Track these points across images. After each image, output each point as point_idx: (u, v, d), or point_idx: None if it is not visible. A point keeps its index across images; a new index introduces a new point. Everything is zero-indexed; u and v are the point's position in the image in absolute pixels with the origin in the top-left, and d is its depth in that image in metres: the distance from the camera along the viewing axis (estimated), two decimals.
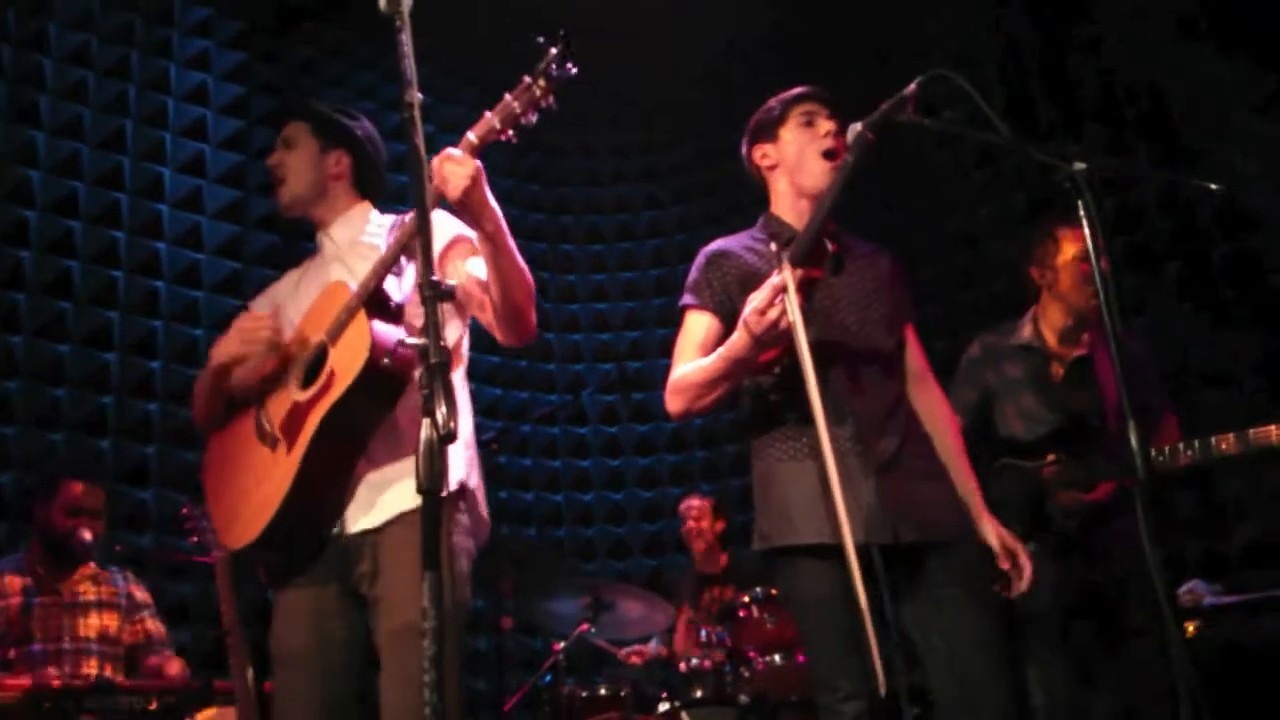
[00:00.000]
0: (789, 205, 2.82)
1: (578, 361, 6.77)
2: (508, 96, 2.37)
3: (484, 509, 2.68)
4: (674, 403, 2.73)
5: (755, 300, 2.45)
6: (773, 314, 2.41)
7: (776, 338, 2.45)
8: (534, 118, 2.36)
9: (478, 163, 2.34)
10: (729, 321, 2.69)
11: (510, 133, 2.37)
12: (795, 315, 2.38)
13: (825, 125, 2.75)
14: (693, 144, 7.00)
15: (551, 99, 2.34)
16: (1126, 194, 5.07)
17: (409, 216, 2.61)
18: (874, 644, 2.20)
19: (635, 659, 5.05)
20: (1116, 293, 2.24)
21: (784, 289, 2.40)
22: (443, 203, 2.42)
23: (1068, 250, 3.53)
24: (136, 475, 5.05)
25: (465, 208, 2.36)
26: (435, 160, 2.33)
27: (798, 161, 2.77)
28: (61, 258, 5.04)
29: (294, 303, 2.75)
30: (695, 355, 2.70)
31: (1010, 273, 4.18)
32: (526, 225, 6.67)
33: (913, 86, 2.47)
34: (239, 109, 5.86)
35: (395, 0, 1.97)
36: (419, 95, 1.90)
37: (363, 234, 2.77)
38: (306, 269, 2.87)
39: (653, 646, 5.10)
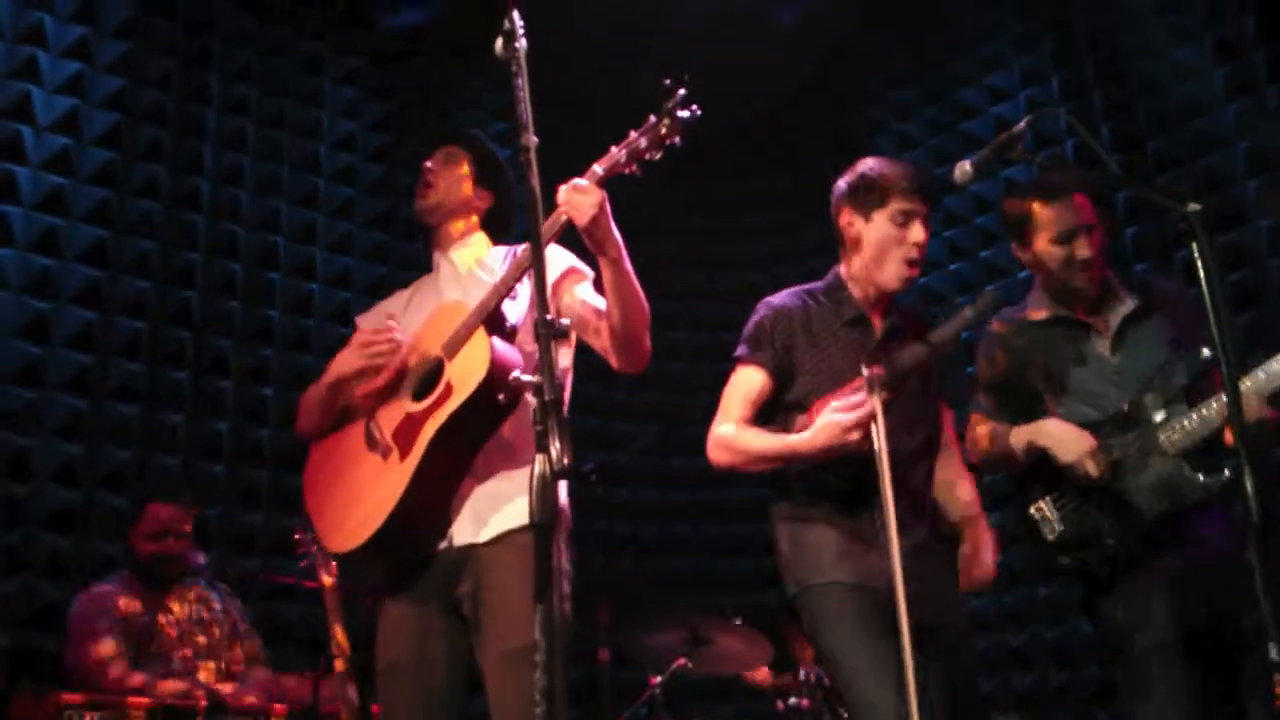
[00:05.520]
0: (859, 281, 2.88)
1: (676, 392, 6.77)
2: (634, 133, 2.50)
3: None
4: (719, 456, 2.85)
5: (840, 418, 2.58)
6: (855, 435, 2.56)
7: (847, 451, 2.60)
8: (658, 154, 2.46)
9: (603, 192, 2.44)
10: (783, 380, 2.83)
11: (634, 167, 2.47)
12: (881, 444, 2.50)
13: (917, 234, 2.79)
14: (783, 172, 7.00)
15: (677, 138, 2.44)
16: (1236, 231, 4.94)
17: (522, 248, 2.74)
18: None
19: (763, 678, 5.01)
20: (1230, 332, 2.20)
21: (871, 417, 2.53)
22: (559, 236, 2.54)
23: (1043, 231, 3.12)
24: (248, 499, 5.20)
25: (591, 235, 2.47)
26: (564, 189, 2.43)
27: (879, 256, 2.81)
28: (181, 287, 5.23)
29: (403, 320, 2.86)
30: (743, 409, 2.82)
31: None
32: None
33: (1022, 125, 2.46)
34: (347, 144, 6.03)
35: (511, 45, 2.04)
36: (534, 139, 1.96)
37: (479, 262, 2.88)
38: (417, 289, 2.98)
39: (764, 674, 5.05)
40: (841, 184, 2.89)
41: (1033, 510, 3.10)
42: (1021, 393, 3.20)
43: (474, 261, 2.89)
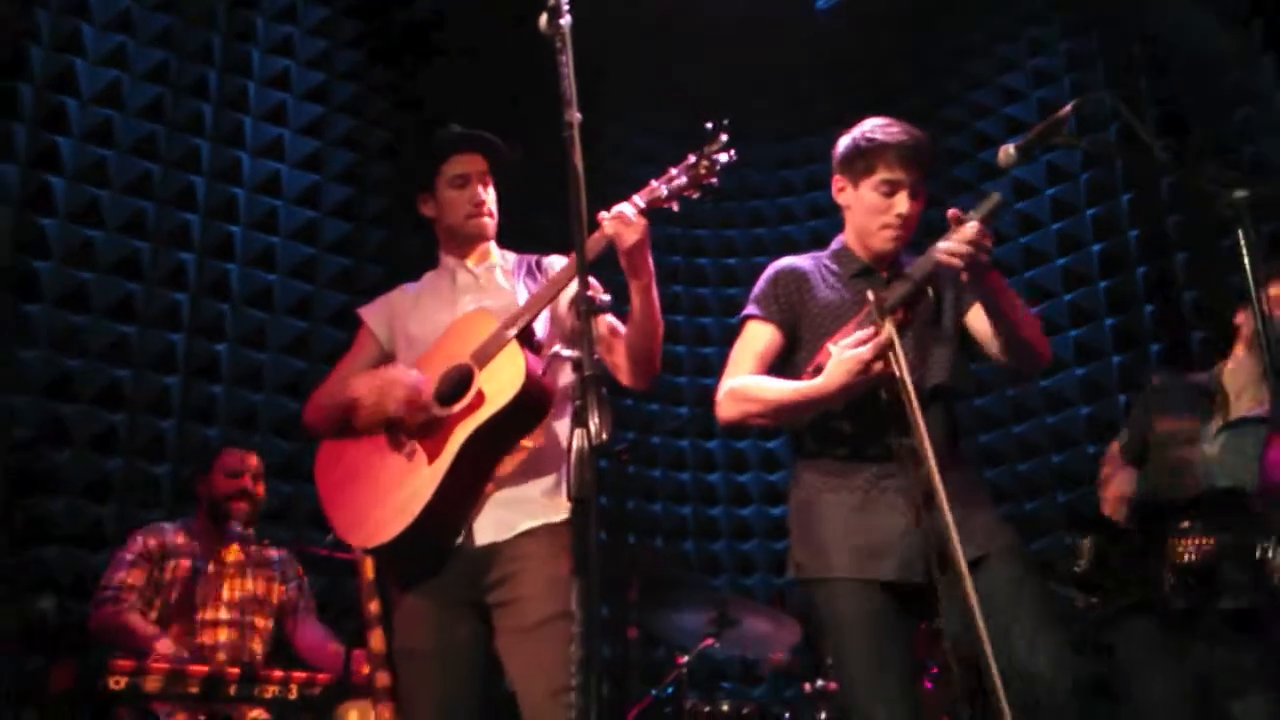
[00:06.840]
0: (857, 241, 2.81)
1: (708, 375, 6.77)
2: (673, 170, 2.61)
3: None
4: (731, 409, 2.72)
5: (855, 350, 2.46)
6: (876, 367, 2.44)
7: (868, 385, 2.48)
8: (697, 193, 2.53)
9: (645, 222, 2.51)
10: (791, 338, 2.76)
11: (674, 203, 2.59)
12: (904, 370, 2.39)
13: (901, 204, 2.67)
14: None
15: (715, 179, 2.51)
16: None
17: (545, 261, 2.90)
18: (996, 672, 2.19)
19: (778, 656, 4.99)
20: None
21: (889, 343, 2.43)
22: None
23: (1272, 292, 3.07)
24: (282, 471, 5.24)
25: (630, 259, 2.56)
26: (609, 217, 2.50)
27: (864, 224, 2.75)
28: (223, 261, 5.28)
29: (414, 317, 2.90)
30: (753, 365, 2.73)
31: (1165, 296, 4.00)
32: (661, 239, 6.70)
33: (1068, 108, 2.44)
34: (387, 122, 6.04)
35: (555, 21, 2.04)
36: (578, 115, 1.95)
37: (495, 269, 2.96)
38: (425, 286, 3.00)
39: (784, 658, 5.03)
40: (838, 147, 2.80)
41: (1079, 540, 3.14)
42: (1142, 448, 3.35)
43: (491, 268, 2.96)
